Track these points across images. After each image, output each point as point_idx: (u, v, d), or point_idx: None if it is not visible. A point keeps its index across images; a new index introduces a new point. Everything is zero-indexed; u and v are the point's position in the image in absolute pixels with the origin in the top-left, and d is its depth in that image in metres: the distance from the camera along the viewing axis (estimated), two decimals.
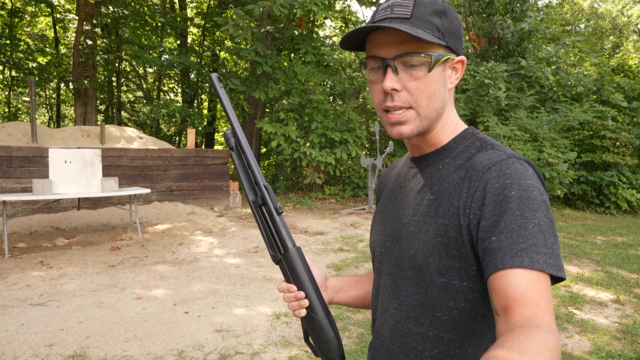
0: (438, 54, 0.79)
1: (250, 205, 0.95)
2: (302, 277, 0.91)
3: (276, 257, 0.93)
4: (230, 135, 0.97)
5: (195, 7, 19.24)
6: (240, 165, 0.95)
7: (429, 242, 0.80)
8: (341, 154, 10.85)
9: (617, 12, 23.97)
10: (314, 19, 13.21)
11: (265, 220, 0.93)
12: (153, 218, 7.91)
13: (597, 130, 10.59)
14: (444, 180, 0.82)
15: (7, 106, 18.95)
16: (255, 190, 0.94)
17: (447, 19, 0.80)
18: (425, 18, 0.78)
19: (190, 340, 3.20)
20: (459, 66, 0.84)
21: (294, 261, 0.91)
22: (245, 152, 0.94)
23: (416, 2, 0.79)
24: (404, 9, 0.78)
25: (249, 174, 0.94)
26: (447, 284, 0.79)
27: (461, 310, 0.79)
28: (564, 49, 12.27)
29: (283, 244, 0.92)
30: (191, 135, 10.10)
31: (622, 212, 10.18)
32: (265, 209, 0.93)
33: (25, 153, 7.48)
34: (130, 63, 17.50)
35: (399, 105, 0.80)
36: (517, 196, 0.71)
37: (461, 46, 0.84)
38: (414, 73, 0.79)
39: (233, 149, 0.96)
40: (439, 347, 0.81)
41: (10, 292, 4.13)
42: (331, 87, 12.89)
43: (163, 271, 4.86)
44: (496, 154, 0.79)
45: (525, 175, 0.74)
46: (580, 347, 3.23)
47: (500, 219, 0.71)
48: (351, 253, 5.85)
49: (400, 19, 0.77)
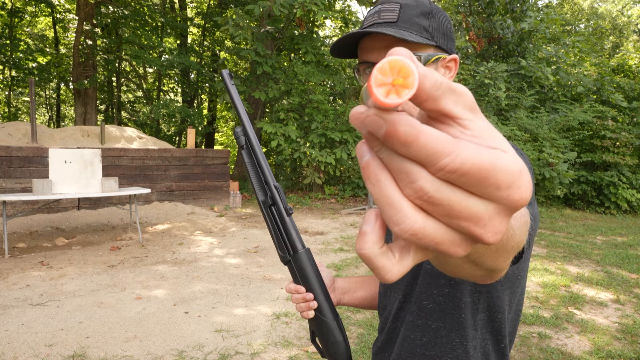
0: (427, 54, 0.80)
1: (260, 205, 0.93)
2: (311, 278, 0.91)
3: (285, 258, 0.92)
4: (240, 133, 0.95)
5: (195, 7, 19.24)
6: (250, 164, 0.93)
7: None
8: (341, 154, 10.85)
9: (617, 12, 23.97)
10: (314, 19, 13.22)
11: (275, 220, 0.92)
12: (153, 218, 7.91)
13: (597, 130, 10.60)
14: None
15: (7, 106, 18.96)
16: (265, 189, 0.92)
17: (435, 20, 0.81)
18: (412, 20, 0.80)
19: (190, 340, 3.20)
20: (452, 65, 0.85)
21: (303, 262, 0.91)
22: (256, 150, 0.93)
23: (402, 6, 0.80)
24: (390, 13, 0.80)
25: (259, 173, 0.93)
26: (431, 270, 0.83)
27: (445, 296, 0.82)
28: (564, 49, 12.27)
29: (292, 245, 0.91)
30: (191, 135, 10.10)
31: (622, 212, 10.18)
32: (275, 210, 0.92)
33: (25, 153, 7.48)
34: (130, 63, 17.51)
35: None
36: None
37: (453, 45, 0.85)
38: None
39: (243, 147, 0.94)
40: (428, 335, 0.84)
41: (10, 292, 4.13)
42: (331, 87, 12.89)
43: (163, 271, 4.86)
44: None
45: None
46: (580, 347, 3.23)
47: None
48: (351, 253, 5.85)
49: (388, 23, 0.80)
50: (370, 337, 3.30)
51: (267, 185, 0.92)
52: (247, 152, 0.93)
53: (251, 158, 0.93)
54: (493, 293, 0.80)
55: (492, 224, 0.26)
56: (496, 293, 0.81)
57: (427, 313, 0.84)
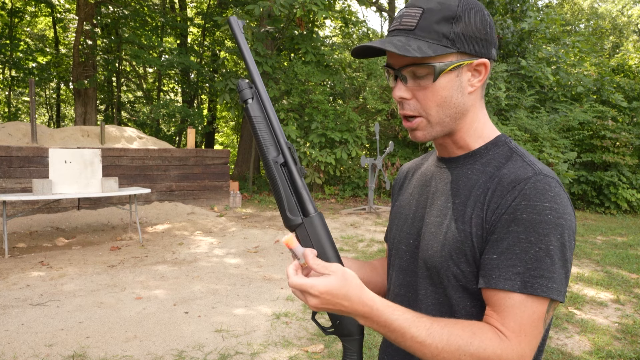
0: (443, 63, 0.79)
1: (269, 163, 0.84)
2: (325, 244, 0.83)
3: (295, 221, 0.84)
4: (246, 85, 0.86)
5: (195, 7, 19.24)
6: (260, 118, 0.84)
7: (448, 246, 0.81)
8: (341, 154, 10.85)
9: (617, 12, 23.97)
10: (314, 19, 13.22)
11: (286, 180, 0.84)
12: (153, 218, 7.91)
13: (597, 130, 10.59)
14: (472, 187, 0.83)
15: (7, 106, 18.96)
16: (277, 147, 0.85)
17: (461, 23, 0.78)
18: (430, 28, 0.78)
19: (190, 340, 3.20)
20: (482, 68, 0.83)
21: (316, 226, 0.84)
22: (265, 103, 0.85)
23: (424, 11, 0.79)
24: (410, 20, 0.79)
25: (270, 128, 0.85)
26: (464, 287, 0.81)
27: (477, 307, 0.82)
28: (564, 49, 12.27)
29: (304, 208, 0.84)
30: (191, 135, 10.10)
31: (622, 212, 10.18)
32: (287, 170, 0.85)
33: (25, 153, 7.48)
34: (130, 63, 17.51)
35: (409, 114, 0.83)
36: (527, 219, 0.74)
37: (489, 46, 0.82)
38: (421, 83, 0.81)
39: (248, 102, 0.85)
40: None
41: (10, 292, 4.13)
42: (331, 87, 12.88)
43: (163, 271, 4.86)
44: (524, 168, 0.79)
45: (545, 197, 0.74)
46: (580, 347, 3.23)
47: (504, 238, 0.75)
48: (351, 253, 5.85)
49: (405, 31, 0.80)
50: (370, 337, 3.30)
51: (278, 143, 0.85)
52: (256, 105, 0.85)
53: (261, 111, 0.85)
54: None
55: (306, 300, 0.75)
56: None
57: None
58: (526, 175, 0.77)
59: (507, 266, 0.74)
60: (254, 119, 0.84)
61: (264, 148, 0.84)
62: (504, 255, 0.74)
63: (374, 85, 11.59)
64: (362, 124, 11.90)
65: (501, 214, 0.76)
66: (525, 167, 0.79)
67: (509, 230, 0.74)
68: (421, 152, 11.65)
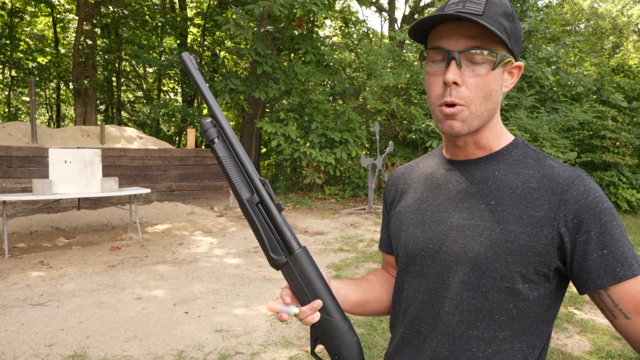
0: (503, 54, 0.79)
1: (244, 205, 0.81)
2: (314, 279, 0.81)
3: (280, 260, 0.81)
4: (209, 125, 0.81)
5: (195, 7, 19.23)
6: (228, 157, 0.81)
7: (494, 247, 0.80)
8: (341, 154, 10.85)
9: (617, 12, 23.97)
10: (314, 19, 13.21)
11: (264, 220, 0.81)
12: (153, 218, 7.91)
13: (597, 130, 10.59)
14: (506, 187, 0.82)
15: (7, 106, 18.96)
16: (249, 186, 0.81)
17: (514, 23, 0.81)
18: (496, 18, 0.78)
19: (190, 340, 3.20)
20: (516, 71, 0.84)
21: (303, 263, 0.81)
22: (233, 142, 0.81)
23: (488, 1, 0.79)
24: (476, 6, 0.78)
25: (240, 168, 0.81)
26: (510, 288, 0.80)
27: (519, 309, 0.81)
28: (564, 49, 12.26)
29: (288, 245, 0.81)
30: (191, 135, 10.10)
31: (622, 212, 10.18)
32: (263, 208, 0.81)
33: (25, 153, 7.48)
34: (130, 63, 17.51)
35: (456, 102, 0.80)
36: (607, 208, 0.77)
37: (520, 53, 0.85)
38: (476, 69, 0.79)
39: (214, 142, 0.81)
40: (493, 346, 0.82)
41: (10, 292, 4.13)
42: (331, 87, 12.88)
43: (163, 271, 4.86)
44: (563, 166, 0.82)
45: (599, 188, 0.79)
46: (580, 347, 3.23)
47: (604, 231, 0.76)
48: (351, 253, 5.85)
49: (474, 14, 0.77)
50: (369, 337, 3.30)
51: (251, 181, 0.81)
52: (222, 145, 0.81)
53: (228, 151, 0.81)
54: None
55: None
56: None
57: (496, 325, 0.82)
58: (575, 172, 0.79)
59: (622, 254, 0.76)
60: (222, 160, 0.81)
61: (237, 190, 0.81)
62: (614, 246, 0.76)
63: (374, 85, 11.59)
64: (362, 124, 11.90)
65: (581, 211, 0.77)
66: (562, 165, 0.82)
67: (602, 222, 0.76)
68: (421, 152, 11.65)
